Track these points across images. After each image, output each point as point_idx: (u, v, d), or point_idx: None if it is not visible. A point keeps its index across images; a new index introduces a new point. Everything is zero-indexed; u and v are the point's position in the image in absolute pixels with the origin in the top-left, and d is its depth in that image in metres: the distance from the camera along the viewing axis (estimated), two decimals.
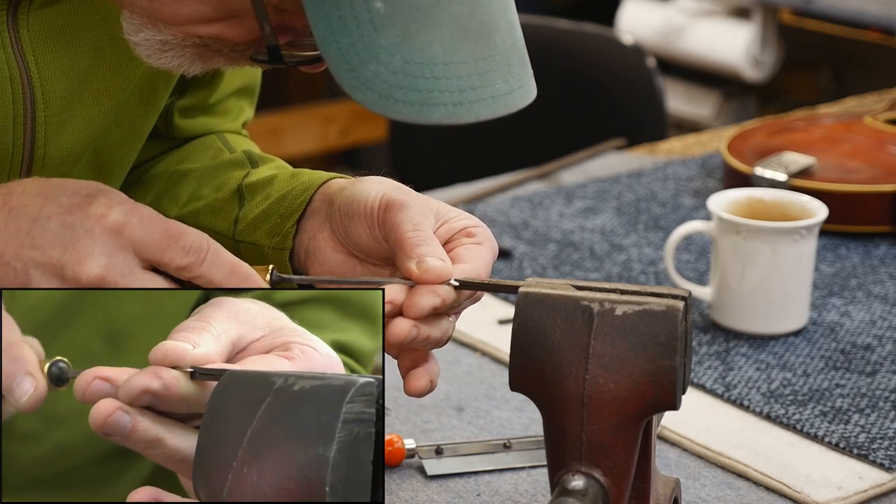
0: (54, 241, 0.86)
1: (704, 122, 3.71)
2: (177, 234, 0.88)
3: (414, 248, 0.94)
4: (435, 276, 0.92)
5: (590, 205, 1.71)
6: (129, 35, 0.94)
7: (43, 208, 0.87)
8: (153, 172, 1.18)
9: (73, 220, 0.87)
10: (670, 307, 0.89)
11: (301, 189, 1.05)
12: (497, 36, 0.87)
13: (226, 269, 0.89)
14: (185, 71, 0.94)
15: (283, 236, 1.04)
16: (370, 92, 0.84)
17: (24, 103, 1.01)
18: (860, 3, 3.36)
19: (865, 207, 1.60)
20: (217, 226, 1.09)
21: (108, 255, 0.86)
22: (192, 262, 0.88)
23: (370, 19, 0.84)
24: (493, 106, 0.87)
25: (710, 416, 1.22)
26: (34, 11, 0.99)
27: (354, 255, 1.01)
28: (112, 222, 0.87)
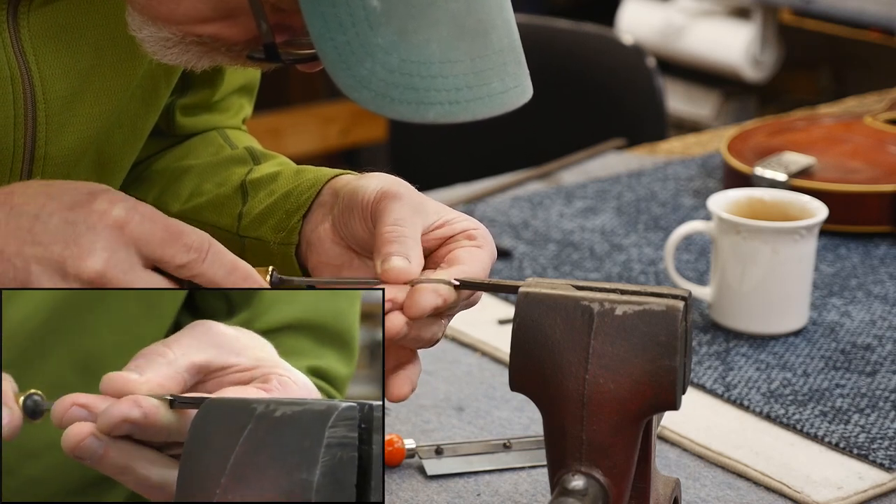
0: (56, 237, 0.86)
1: (704, 122, 3.71)
2: (178, 232, 0.88)
3: (384, 244, 0.94)
4: (393, 276, 0.92)
5: (590, 205, 1.71)
6: (133, 31, 0.94)
7: (45, 206, 0.87)
8: (154, 169, 1.18)
9: (75, 217, 0.87)
10: (670, 307, 0.89)
11: (307, 185, 1.05)
12: (494, 35, 0.87)
13: (226, 267, 0.89)
14: (192, 66, 0.94)
15: (288, 231, 1.04)
16: (366, 90, 0.84)
17: (25, 103, 1.01)
18: (860, 3, 3.36)
19: (865, 207, 1.60)
20: (220, 221, 1.09)
21: (110, 250, 0.86)
22: (192, 259, 0.88)
23: (366, 17, 0.83)
24: (489, 105, 0.87)
25: (710, 416, 1.22)
26: (34, 10, 0.99)
27: (352, 249, 1.01)
28: (114, 218, 0.87)
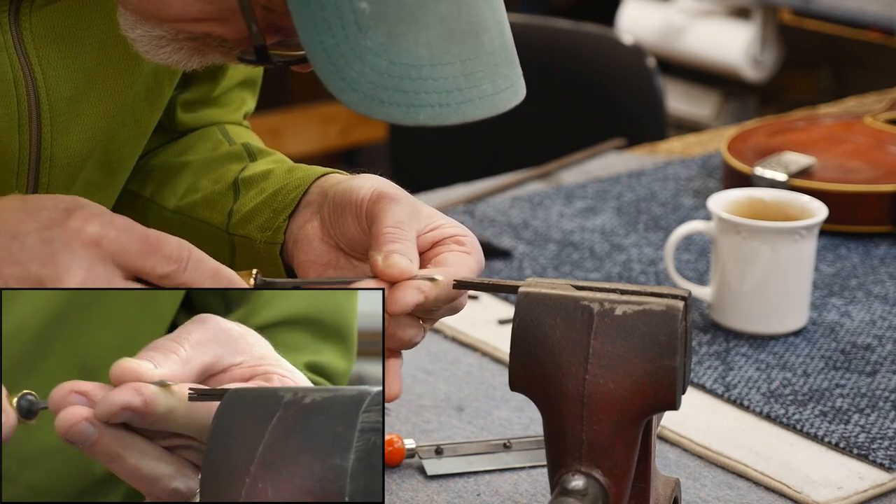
0: (33, 256, 0.86)
1: (704, 122, 3.71)
2: (156, 242, 0.88)
3: (386, 242, 0.94)
4: (397, 272, 0.92)
5: (590, 205, 1.71)
6: (126, 31, 0.94)
7: (21, 224, 0.87)
8: (153, 163, 1.18)
9: (51, 235, 0.87)
10: (670, 307, 0.89)
11: (295, 185, 1.06)
12: (485, 36, 0.87)
13: (208, 274, 0.89)
14: (183, 66, 0.94)
15: (274, 231, 1.04)
16: (355, 93, 0.84)
17: (29, 105, 1.01)
18: (860, 3, 3.36)
19: (865, 207, 1.60)
20: (212, 218, 1.09)
21: (86, 268, 0.86)
22: (173, 270, 0.88)
23: (355, 20, 0.83)
24: (480, 107, 0.87)
25: (710, 416, 1.22)
26: (36, 11, 0.99)
27: (340, 248, 1.01)
28: (89, 235, 0.87)
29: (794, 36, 3.70)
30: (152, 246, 0.88)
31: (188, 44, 0.93)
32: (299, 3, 0.84)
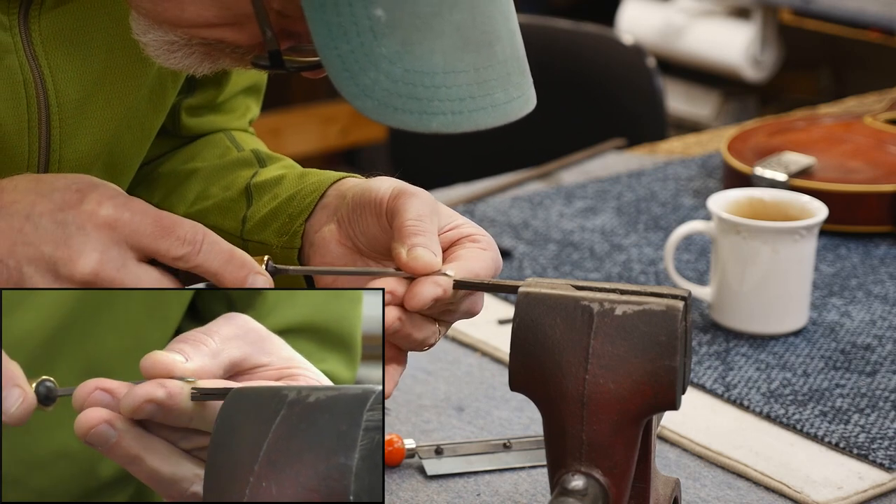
0: (46, 238, 0.86)
1: (704, 122, 3.71)
2: (170, 224, 0.88)
3: (410, 236, 0.94)
4: (422, 265, 0.92)
5: (590, 205, 1.71)
6: (137, 35, 0.94)
7: (35, 205, 0.87)
8: (161, 171, 1.18)
9: (64, 217, 0.87)
10: (670, 307, 0.89)
11: (311, 189, 1.06)
12: (498, 45, 0.87)
13: (222, 257, 0.89)
14: (193, 71, 0.94)
15: (291, 235, 1.04)
16: (369, 100, 0.84)
17: (39, 107, 1.00)
18: (860, 3, 3.36)
19: (865, 207, 1.60)
20: (225, 225, 1.09)
21: (100, 251, 0.86)
22: (188, 252, 0.88)
23: (371, 27, 0.83)
24: (492, 115, 0.87)
25: (710, 416, 1.22)
26: (45, 13, 0.99)
27: (357, 250, 1.01)
28: (104, 218, 0.87)
29: (794, 36, 3.70)
30: (166, 228, 0.88)
31: (200, 49, 0.93)
32: (315, 8, 0.83)
